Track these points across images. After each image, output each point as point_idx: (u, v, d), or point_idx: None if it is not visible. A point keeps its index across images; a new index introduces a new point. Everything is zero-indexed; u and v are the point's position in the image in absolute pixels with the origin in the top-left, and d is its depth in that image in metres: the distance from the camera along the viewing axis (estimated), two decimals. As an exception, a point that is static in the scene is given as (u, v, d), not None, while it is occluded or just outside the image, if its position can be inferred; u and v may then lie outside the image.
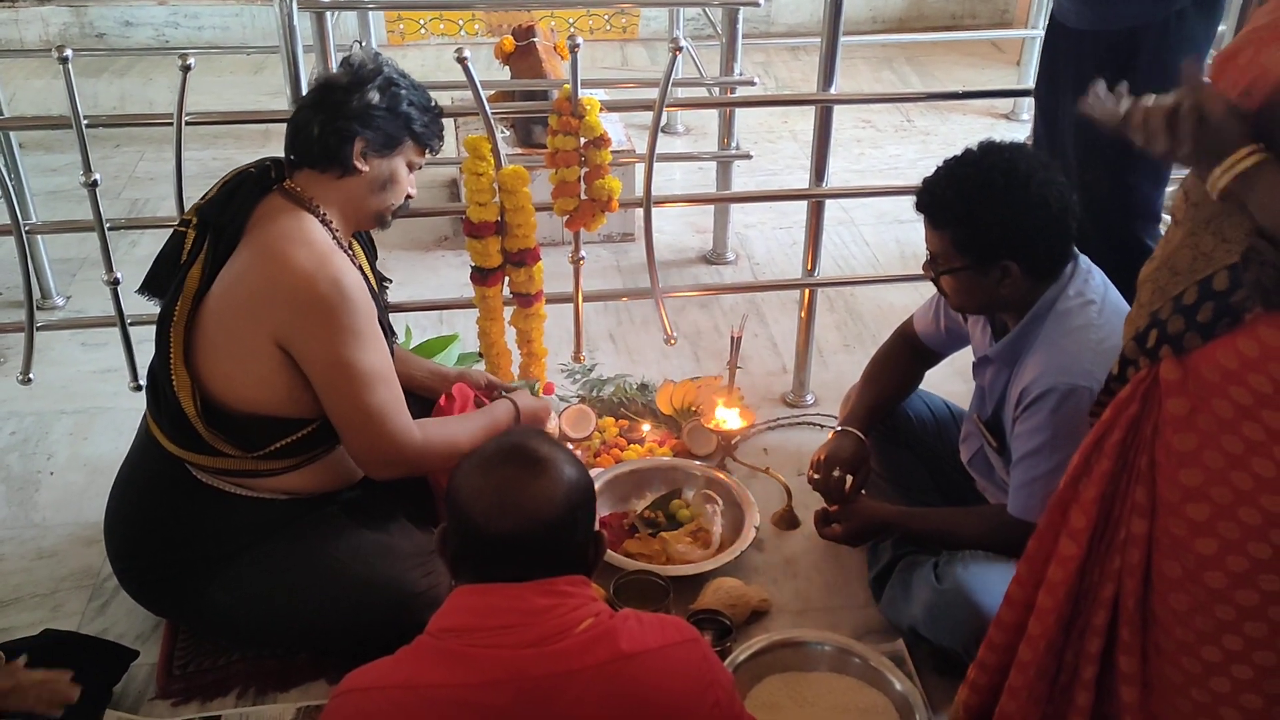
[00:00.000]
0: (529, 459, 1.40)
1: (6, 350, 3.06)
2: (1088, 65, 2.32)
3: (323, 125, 1.92)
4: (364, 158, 1.94)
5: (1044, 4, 4.72)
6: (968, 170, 1.86)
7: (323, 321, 1.87)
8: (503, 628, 1.34)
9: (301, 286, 1.85)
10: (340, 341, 1.87)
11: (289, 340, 1.88)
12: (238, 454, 1.95)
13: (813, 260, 2.78)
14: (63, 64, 2.18)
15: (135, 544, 2.05)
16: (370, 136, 1.94)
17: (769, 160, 4.37)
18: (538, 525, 1.37)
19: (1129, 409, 1.43)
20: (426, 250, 3.67)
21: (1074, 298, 1.88)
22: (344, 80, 1.95)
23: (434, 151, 2.07)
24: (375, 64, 1.98)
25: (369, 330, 1.91)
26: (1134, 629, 1.47)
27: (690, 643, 1.43)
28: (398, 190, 2.02)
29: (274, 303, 1.87)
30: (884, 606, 2.16)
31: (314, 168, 1.95)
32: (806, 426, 2.84)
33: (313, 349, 1.89)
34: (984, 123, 4.77)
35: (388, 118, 1.95)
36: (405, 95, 1.97)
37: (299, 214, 1.93)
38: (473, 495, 1.38)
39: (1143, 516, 1.43)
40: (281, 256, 1.87)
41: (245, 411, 1.94)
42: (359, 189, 1.97)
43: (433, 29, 5.74)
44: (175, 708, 2.00)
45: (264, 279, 1.88)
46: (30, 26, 5.43)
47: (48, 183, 3.95)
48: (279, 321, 1.87)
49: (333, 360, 1.89)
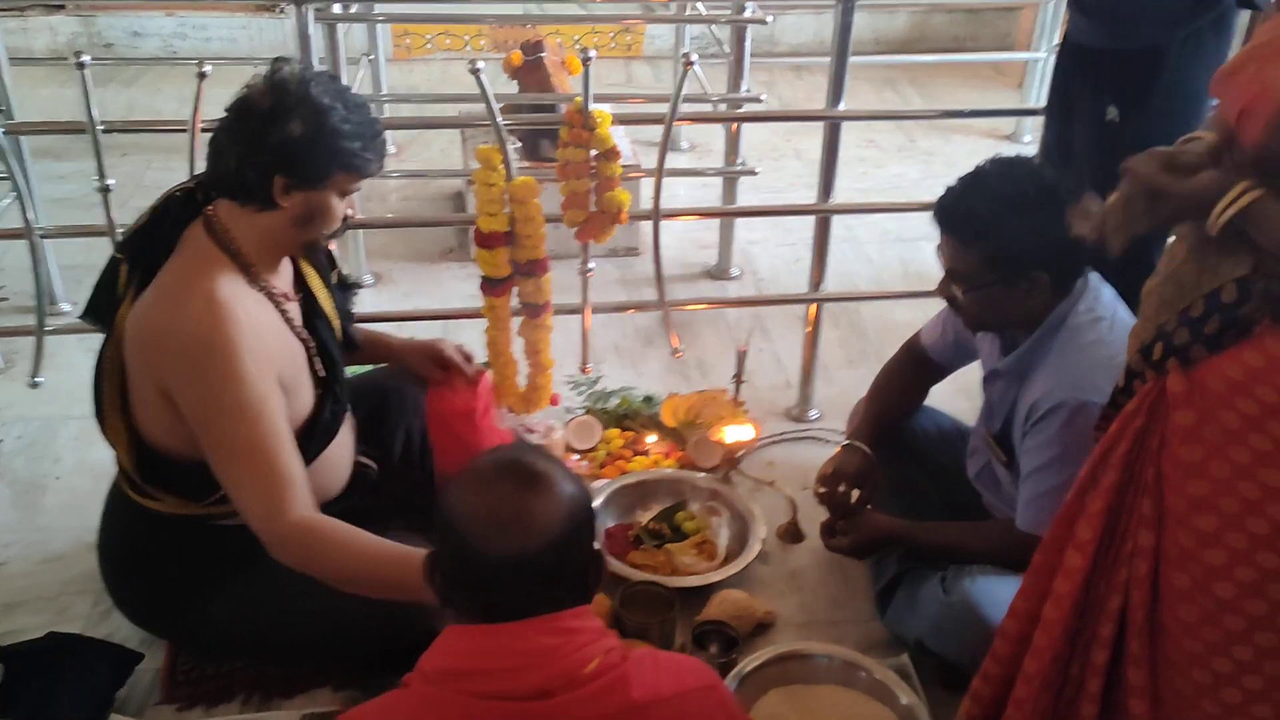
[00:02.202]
0: (526, 475, 1.31)
1: (14, 355, 3.07)
2: (1105, 85, 2.35)
3: (239, 158, 1.74)
4: (286, 194, 1.76)
5: (1046, 28, 4.76)
6: (996, 183, 1.86)
7: (194, 376, 1.73)
8: (506, 671, 1.26)
9: (178, 337, 1.72)
10: (208, 402, 1.74)
11: (170, 389, 1.77)
12: (182, 503, 1.90)
13: (819, 276, 2.80)
14: (79, 69, 2.20)
15: (126, 576, 2.04)
16: (291, 173, 1.75)
17: (773, 178, 4.39)
18: (540, 545, 1.27)
19: (1135, 421, 1.44)
20: (432, 262, 3.69)
21: (1084, 313, 1.89)
22: (265, 106, 1.73)
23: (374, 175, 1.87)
24: (300, 87, 1.74)
25: (248, 396, 1.73)
26: (1143, 641, 1.47)
27: (707, 689, 1.36)
28: (326, 221, 1.84)
29: (156, 349, 1.76)
30: (889, 620, 2.17)
31: (232, 199, 1.79)
32: (811, 441, 2.85)
33: (185, 403, 1.76)
34: (986, 144, 4.80)
35: (312, 151, 1.74)
36: (334, 124, 1.74)
37: (206, 252, 1.79)
38: (468, 516, 1.29)
39: (1150, 529, 1.44)
40: (167, 303, 1.75)
41: (177, 458, 1.84)
42: (281, 223, 1.80)
43: (439, 44, 5.77)
44: (180, 713, 2.00)
45: (150, 325, 1.77)
46: (39, 36, 5.45)
47: (55, 190, 3.96)
48: (159, 370, 1.77)
49: (200, 418, 1.76)
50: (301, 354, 1.91)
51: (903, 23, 6.02)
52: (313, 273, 2.03)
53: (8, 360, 3.06)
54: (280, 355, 1.84)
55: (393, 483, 2.22)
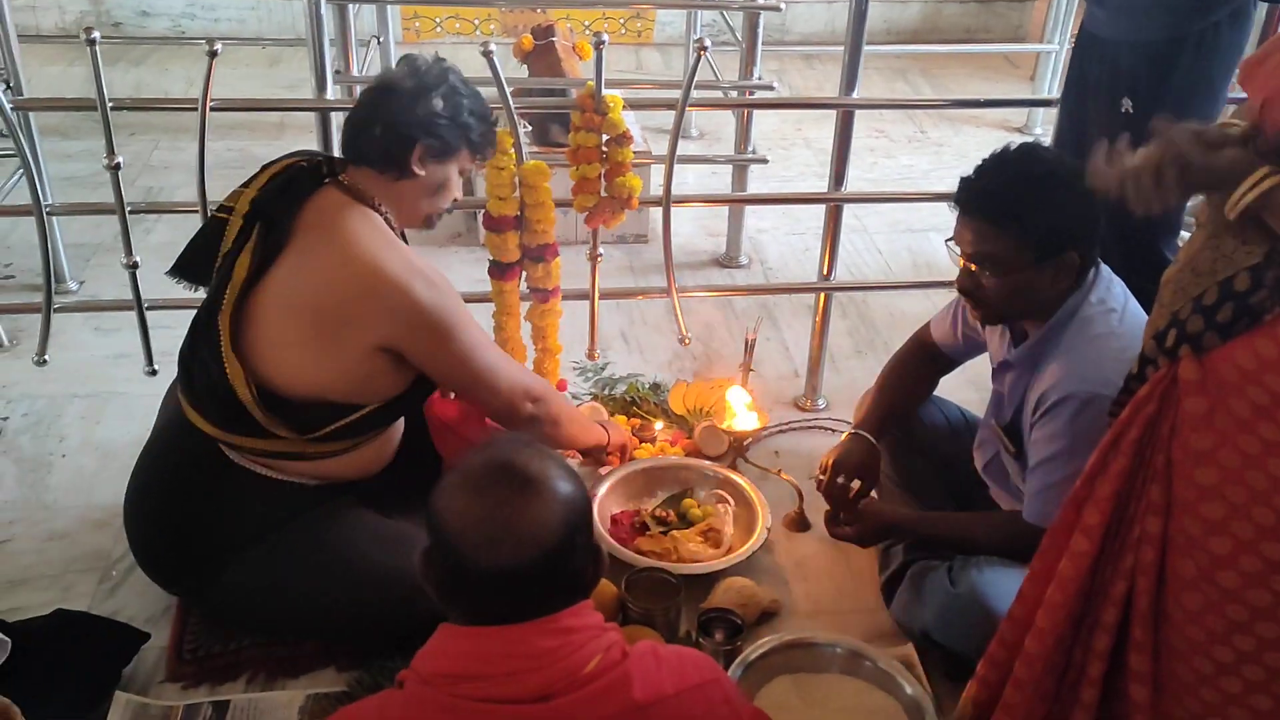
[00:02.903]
0: (519, 479, 1.26)
1: (20, 333, 3.06)
2: (1123, 76, 2.34)
3: (385, 127, 1.94)
4: (422, 163, 1.97)
5: (1060, 19, 4.74)
6: (1022, 164, 1.84)
7: (431, 330, 1.93)
8: (504, 675, 1.22)
9: (405, 301, 1.89)
10: (449, 340, 1.95)
11: (398, 347, 1.94)
12: (292, 436, 1.96)
13: (829, 265, 2.79)
14: (90, 45, 2.19)
15: (158, 521, 2.05)
16: (430, 143, 1.96)
17: (783, 167, 4.38)
18: (534, 554, 1.23)
19: (1147, 408, 1.43)
20: (440, 246, 3.68)
21: (1096, 305, 1.88)
22: (408, 84, 1.96)
23: (486, 159, 2.13)
24: (440, 70, 2.00)
25: (460, 312, 1.98)
26: (1146, 628, 1.47)
27: (710, 684, 1.33)
28: (448, 195, 2.06)
29: (377, 313, 1.90)
30: (895, 610, 2.16)
31: (372, 167, 1.98)
32: (818, 430, 2.84)
33: (426, 355, 1.97)
34: (997, 135, 4.79)
35: (448, 126, 1.97)
36: (466, 104, 1.99)
37: (362, 210, 1.96)
38: (459, 524, 1.24)
39: (1157, 515, 1.44)
40: (373, 263, 1.89)
41: (303, 396, 1.94)
42: (413, 192, 2.00)
43: (448, 28, 5.76)
44: (185, 691, 1.99)
45: (360, 287, 1.89)
46: (47, 14, 5.45)
47: (63, 169, 3.95)
48: (385, 332, 1.91)
49: (446, 357, 1.98)
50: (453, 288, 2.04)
51: (915, 12, 6.01)
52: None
53: (13, 338, 3.06)
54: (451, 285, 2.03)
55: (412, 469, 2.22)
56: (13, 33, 3.08)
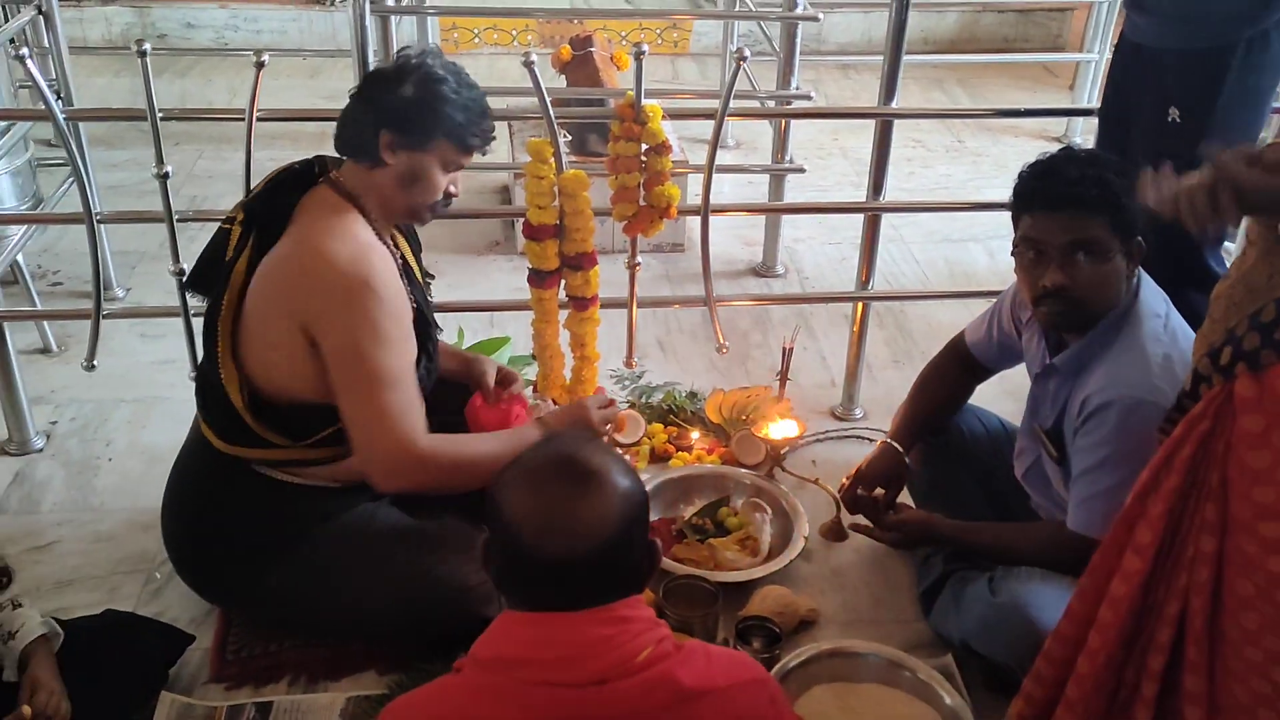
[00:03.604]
0: (580, 473, 1.29)
1: (68, 339, 3.12)
2: (1168, 85, 2.32)
3: (357, 115, 1.93)
4: (392, 151, 1.92)
5: (1100, 28, 4.71)
6: (1093, 158, 1.88)
7: (346, 310, 1.86)
8: (560, 660, 1.26)
9: (331, 274, 1.85)
10: (361, 333, 1.86)
11: (312, 325, 1.88)
12: (287, 443, 1.97)
13: (867, 273, 2.79)
14: (140, 56, 2.23)
15: (190, 534, 2.08)
16: (398, 130, 1.91)
17: (819, 176, 4.38)
18: (592, 547, 1.26)
19: (1201, 425, 1.42)
20: (478, 254, 3.71)
21: (1141, 311, 1.88)
22: (387, 72, 1.95)
23: (480, 153, 2.02)
24: (420, 59, 1.94)
25: (394, 332, 1.90)
26: (1201, 648, 1.45)
27: (758, 682, 1.35)
28: (427, 188, 1.96)
29: (302, 289, 1.88)
30: (934, 620, 2.15)
31: (351, 158, 1.97)
32: (855, 440, 2.83)
33: (332, 336, 1.88)
34: (1036, 145, 4.76)
35: (420, 113, 1.90)
36: (446, 93, 1.91)
37: (341, 207, 1.94)
38: (519, 514, 1.28)
39: (1212, 534, 1.42)
40: (316, 246, 1.88)
41: (289, 400, 1.95)
42: (387, 181, 1.95)
43: (486, 39, 5.80)
44: (228, 692, 2.02)
45: (297, 267, 1.89)
46: (94, 26, 5.55)
47: (109, 178, 4.02)
48: (305, 307, 1.88)
49: (349, 349, 1.87)
50: (409, 308, 2.00)
51: (952, 22, 5.99)
52: (408, 250, 2.14)
53: (61, 344, 3.11)
54: (404, 303, 1.97)
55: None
56: (64, 45, 3.15)
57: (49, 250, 3.64)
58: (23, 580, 2.26)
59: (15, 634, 1.77)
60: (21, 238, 3.11)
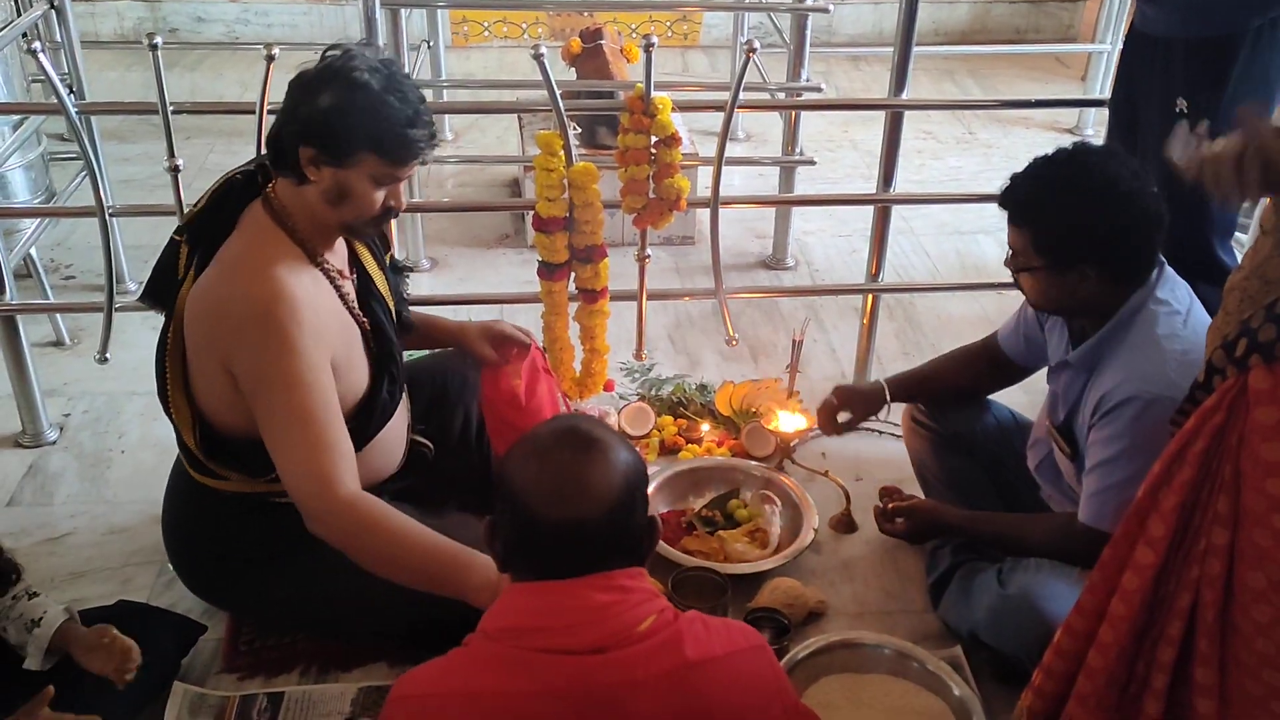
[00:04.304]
0: (584, 441, 1.35)
1: (80, 332, 3.14)
2: (1176, 75, 2.31)
3: (279, 126, 1.76)
4: (315, 166, 1.74)
5: (1111, 18, 4.68)
6: (1056, 171, 1.85)
7: (252, 350, 1.75)
8: (565, 628, 1.30)
9: (235, 311, 1.75)
10: (268, 373, 1.75)
11: (227, 363, 1.79)
12: (244, 480, 1.93)
13: (877, 265, 2.78)
14: (152, 50, 2.25)
15: (187, 551, 2.08)
16: (318, 145, 1.72)
17: (829, 169, 4.37)
18: (599, 510, 1.32)
19: (1214, 418, 1.41)
20: (488, 247, 3.71)
21: (1159, 306, 1.87)
22: (307, 77, 1.74)
23: (421, 162, 1.81)
24: (343, 63, 1.73)
25: (305, 374, 1.75)
26: (1212, 641, 1.45)
27: (757, 649, 1.40)
28: (358, 205, 1.78)
29: (216, 326, 1.79)
30: (943, 611, 2.16)
31: (278, 173, 1.81)
32: (865, 433, 2.83)
33: (243, 376, 1.79)
34: (1048, 137, 4.74)
35: (338, 125, 1.70)
36: (366, 101, 1.70)
37: (266, 232, 1.81)
38: (528, 483, 1.33)
39: (1225, 527, 1.41)
40: (225, 282, 1.77)
41: (242, 437, 1.86)
42: (315, 199, 1.78)
43: (496, 31, 5.80)
44: (240, 682, 2.03)
45: (211, 303, 1.79)
46: (106, 20, 5.56)
47: (122, 171, 4.04)
48: (219, 344, 1.79)
49: (258, 389, 1.77)
50: (357, 332, 1.94)
51: (964, 13, 5.96)
52: (367, 254, 2.04)
53: (74, 337, 3.13)
54: (335, 332, 1.86)
55: (449, 464, 2.24)
56: (76, 39, 3.16)
57: (62, 244, 3.65)
58: (36, 572, 2.26)
59: (39, 621, 1.78)
60: (35, 231, 3.13)
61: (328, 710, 1.96)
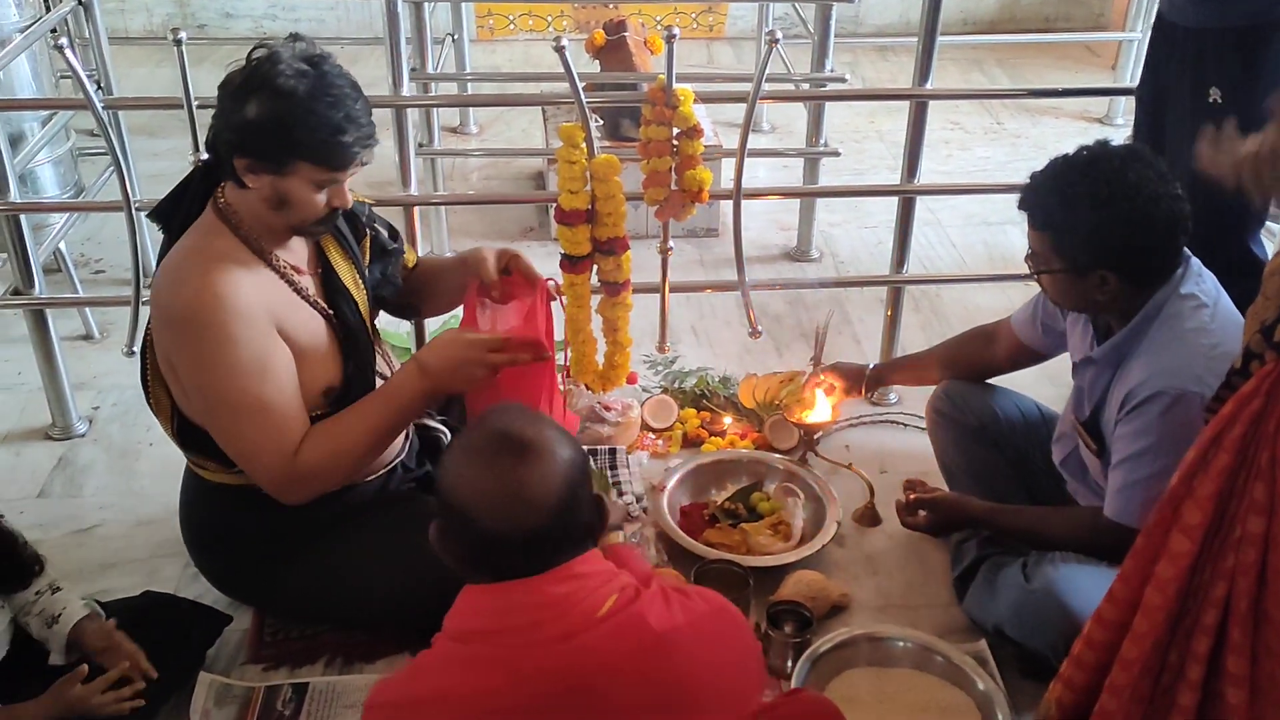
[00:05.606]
0: (519, 446, 1.33)
1: (109, 325, 3.17)
2: (1206, 65, 2.27)
3: (214, 131, 1.75)
4: (251, 174, 1.73)
5: (1142, 6, 4.62)
6: (1074, 174, 1.83)
7: (187, 347, 1.77)
8: (529, 625, 1.32)
9: (171, 309, 1.77)
10: (206, 366, 1.76)
11: (171, 362, 1.82)
12: (221, 469, 1.94)
13: (901, 257, 2.76)
14: (176, 45, 2.26)
15: (202, 547, 2.11)
16: (251, 155, 1.71)
17: (855, 160, 4.35)
18: (544, 517, 1.32)
19: (1251, 404, 1.39)
20: (512, 240, 3.72)
21: (1185, 300, 1.84)
22: (232, 82, 1.71)
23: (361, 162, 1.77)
24: (268, 69, 1.68)
25: (237, 358, 1.75)
26: (1245, 630, 1.43)
27: (719, 611, 1.42)
28: (300, 209, 1.77)
29: (160, 323, 1.82)
30: (968, 605, 2.14)
31: (220, 176, 1.81)
32: (889, 425, 2.82)
33: (183, 372, 1.81)
34: (1077, 126, 4.69)
35: (269, 136, 1.68)
36: (293, 111, 1.67)
37: (213, 231, 1.81)
38: (471, 496, 1.33)
39: (1260, 514, 1.39)
40: (164, 280, 1.79)
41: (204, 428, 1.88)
42: (256, 202, 1.77)
43: (521, 24, 5.80)
44: (265, 673, 2.05)
45: (155, 301, 1.82)
46: (135, 17, 5.61)
47: (151, 166, 4.05)
48: (163, 343, 1.82)
49: (197, 385, 1.80)
50: (320, 325, 1.91)
51: (992, 3, 5.91)
52: (334, 246, 2.00)
53: (103, 330, 3.16)
54: (291, 326, 1.84)
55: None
56: (104, 35, 3.18)
57: (91, 239, 3.69)
58: (65, 563, 2.29)
59: (59, 617, 1.80)
60: (64, 226, 3.16)
61: (352, 701, 1.97)
